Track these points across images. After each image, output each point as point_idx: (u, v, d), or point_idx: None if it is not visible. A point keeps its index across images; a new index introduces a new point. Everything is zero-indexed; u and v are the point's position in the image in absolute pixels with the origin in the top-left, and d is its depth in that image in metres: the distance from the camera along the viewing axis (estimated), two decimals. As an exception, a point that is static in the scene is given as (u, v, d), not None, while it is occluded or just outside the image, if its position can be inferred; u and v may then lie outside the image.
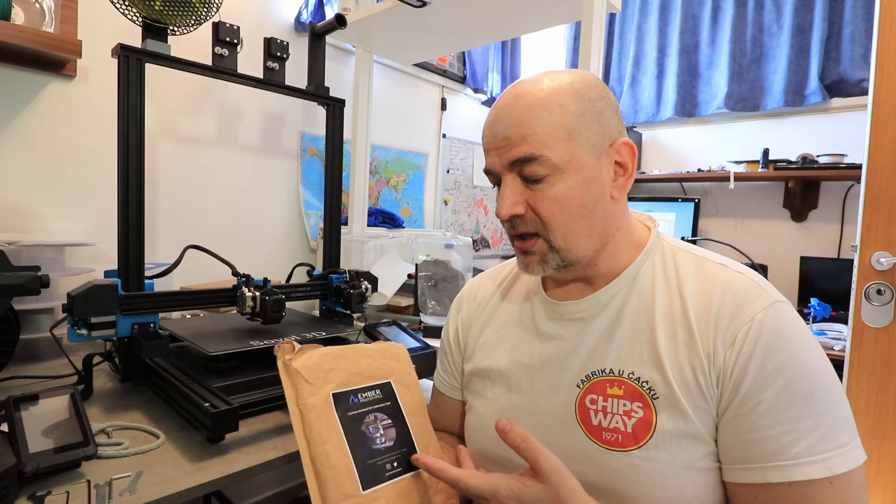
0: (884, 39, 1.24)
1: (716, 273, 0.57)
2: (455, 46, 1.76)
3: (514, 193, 0.58)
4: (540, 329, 0.65)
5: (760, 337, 0.51)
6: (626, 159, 0.59)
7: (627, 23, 2.79)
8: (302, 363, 0.56)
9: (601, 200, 0.58)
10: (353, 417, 0.56)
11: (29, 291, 0.80)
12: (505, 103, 0.58)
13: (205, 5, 0.94)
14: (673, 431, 0.52)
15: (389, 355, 0.66)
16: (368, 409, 0.58)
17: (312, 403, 0.54)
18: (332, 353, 0.59)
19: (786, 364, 0.49)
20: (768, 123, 2.41)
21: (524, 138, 0.55)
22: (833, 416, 0.49)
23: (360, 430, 0.56)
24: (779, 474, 0.48)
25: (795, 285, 2.22)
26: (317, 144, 1.78)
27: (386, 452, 0.56)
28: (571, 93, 0.56)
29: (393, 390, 0.62)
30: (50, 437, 0.61)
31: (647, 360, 0.55)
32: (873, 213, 1.26)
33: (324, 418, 0.54)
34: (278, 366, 0.56)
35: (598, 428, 0.56)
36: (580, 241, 0.58)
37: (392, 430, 0.58)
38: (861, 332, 1.29)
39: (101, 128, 1.28)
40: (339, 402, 0.56)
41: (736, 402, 0.51)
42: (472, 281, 0.80)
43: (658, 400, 0.53)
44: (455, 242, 1.90)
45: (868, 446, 1.29)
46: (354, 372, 0.60)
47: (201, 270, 1.38)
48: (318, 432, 0.53)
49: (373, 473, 0.54)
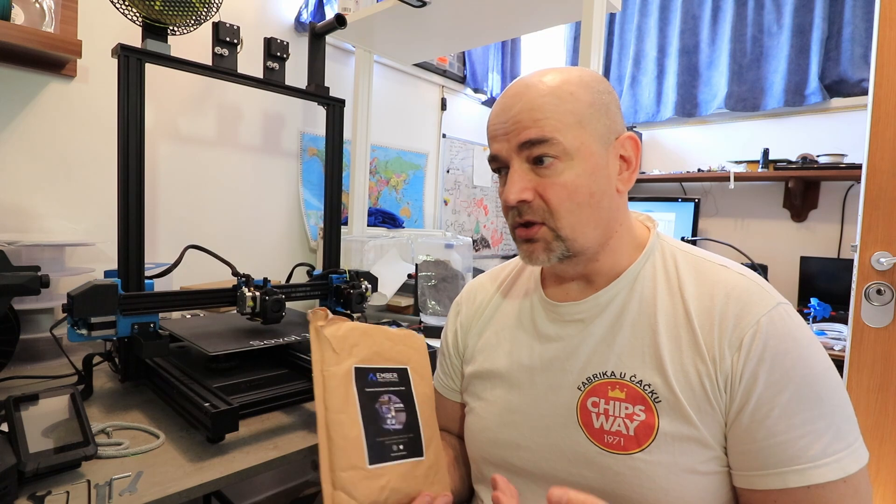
0: (884, 39, 1.24)
1: (717, 274, 0.57)
2: (455, 46, 1.76)
3: (523, 179, 0.57)
4: (540, 330, 0.65)
5: (768, 341, 0.50)
6: (631, 154, 0.59)
7: (627, 23, 2.79)
8: (332, 332, 0.58)
9: (608, 191, 0.58)
10: (369, 394, 0.58)
11: (29, 291, 0.80)
12: (515, 91, 0.58)
13: (205, 5, 0.94)
14: (675, 435, 0.52)
15: (410, 343, 0.68)
16: (384, 390, 0.60)
17: (335, 372, 0.57)
18: (359, 329, 0.61)
19: (795, 368, 0.49)
20: (768, 123, 2.41)
21: (536, 122, 0.55)
22: (841, 415, 0.50)
23: (374, 407, 0.58)
24: (798, 478, 0.48)
25: (795, 285, 2.22)
26: (317, 144, 1.78)
27: (394, 434, 0.58)
28: (581, 84, 0.57)
29: (409, 377, 0.64)
30: (50, 437, 0.61)
31: (649, 363, 0.55)
32: (873, 213, 1.26)
33: (343, 389, 0.56)
34: (310, 329, 0.59)
35: (600, 431, 0.55)
36: (586, 230, 0.57)
37: (403, 415, 0.60)
38: (861, 332, 1.29)
39: (101, 128, 1.28)
40: (360, 377, 0.58)
41: (749, 409, 0.50)
42: (471, 283, 0.80)
43: (660, 403, 0.53)
44: (455, 242, 1.90)
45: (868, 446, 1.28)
46: (377, 351, 0.62)
47: (201, 270, 1.38)
48: (337, 400, 0.55)
49: (380, 451, 0.56)
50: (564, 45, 3.00)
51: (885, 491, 1.27)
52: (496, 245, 2.66)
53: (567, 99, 0.56)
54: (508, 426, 0.63)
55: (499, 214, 2.67)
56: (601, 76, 0.61)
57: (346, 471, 0.52)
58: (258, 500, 1.66)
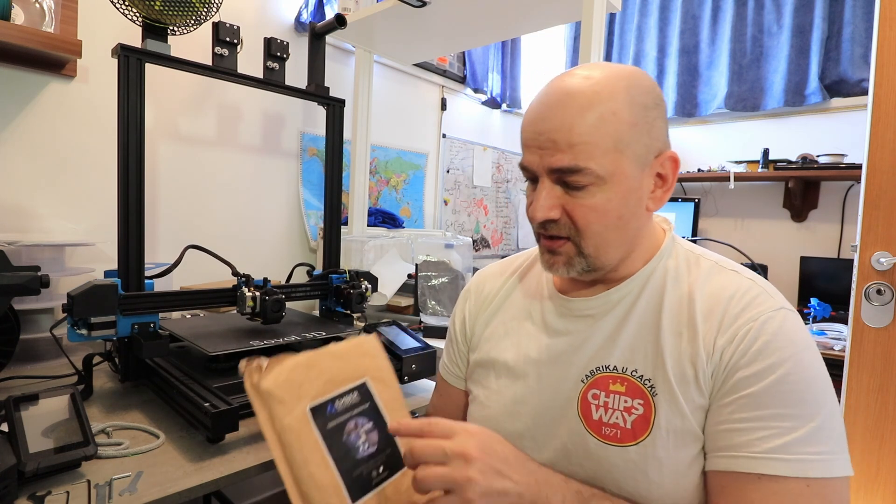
0: (884, 39, 1.24)
1: (727, 279, 0.57)
2: (455, 46, 1.76)
3: (551, 197, 0.56)
4: (548, 324, 0.65)
5: (760, 336, 0.51)
6: (668, 172, 0.58)
7: (627, 23, 2.79)
8: (272, 381, 0.51)
9: (637, 213, 0.57)
10: (333, 429, 0.53)
11: (29, 291, 0.80)
12: (555, 100, 0.55)
13: (205, 5, 0.94)
14: (670, 429, 0.53)
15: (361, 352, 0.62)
16: (348, 417, 0.55)
17: (290, 424, 0.50)
18: (302, 363, 0.55)
19: (779, 364, 0.50)
20: (768, 123, 2.41)
21: (571, 147, 0.53)
22: (820, 424, 0.48)
23: (342, 441, 0.53)
24: (745, 464, 0.48)
25: (795, 285, 2.22)
26: (317, 144, 1.78)
27: (370, 459, 0.54)
28: (627, 100, 0.54)
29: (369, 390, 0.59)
30: (50, 437, 0.61)
31: (650, 358, 0.56)
32: (873, 213, 1.26)
33: (303, 437, 0.51)
34: (246, 389, 0.51)
35: (599, 423, 0.56)
36: (609, 251, 0.57)
37: (374, 434, 0.56)
38: (861, 332, 1.29)
39: (101, 128, 1.28)
40: (318, 416, 0.53)
41: (723, 392, 0.51)
42: (482, 272, 0.80)
43: (657, 397, 0.54)
44: (455, 242, 1.90)
45: (868, 446, 1.29)
46: (328, 379, 0.56)
47: (201, 270, 1.38)
48: (300, 453, 0.50)
49: (360, 484, 0.52)
50: (564, 45, 3.00)
51: (885, 491, 1.27)
52: (496, 245, 2.66)
53: (609, 120, 0.53)
54: (512, 416, 0.63)
55: (499, 214, 2.67)
56: (652, 83, 0.57)
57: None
58: (258, 500, 1.66)
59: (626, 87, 0.54)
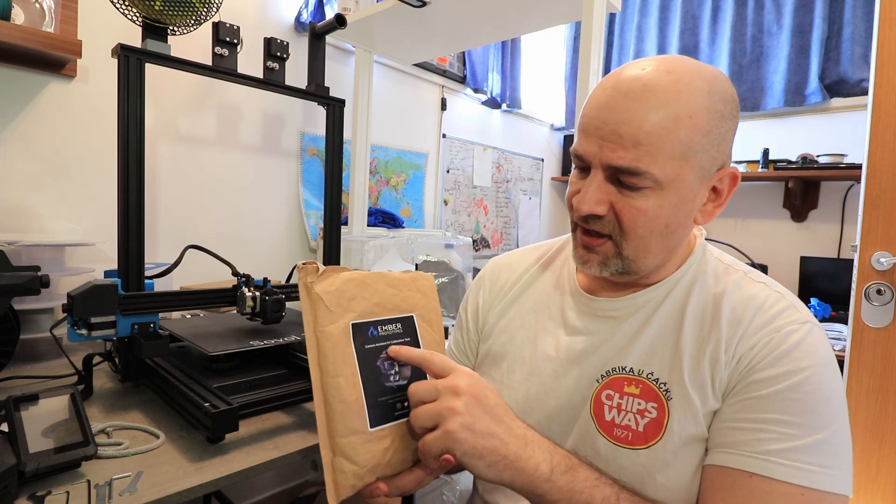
0: (884, 39, 1.24)
1: (756, 290, 0.56)
2: (455, 46, 1.76)
3: (601, 192, 0.53)
4: (568, 322, 0.64)
5: (781, 345, 0.50)
6: (725, 188, 0.56)
7: (627, 23, 2.79)
8: (324, 288, 0.52)
9: (685, 224, 0.55)
10: (369, 351, 0.53)
11: (29, 291, 0.80)
12: (629, 89, 0.50)
13: (205, 5, 0.94)
14: (683, 434, 0.52)
15: (416, 287, 0.61)
16: (386, 344, 0.55)
17: (330, 332, 0.51)
18: (356, 280, 0.55)
19: (795, 373, 0.49)
20: (768, 123, 2.41)
21: (636, 145, 0.49)
22: (825, 438, 0.47)
23: (374, 365, 0.53)
24: (739, 461, 0.48)
25: (795, 285, 2.22)
26: (317, 144, 1.78)
27: (398, 391, 0.54)
28: (707, 106, 0.50)
29: (415, 325, 0.59)
30: (50, 437, 0.61)
31: (668, 362, 0.55)
32: (873, 213, 1.26)
33: (339, 349, 0.51)
34: (299, 286, 0.53)
35: (611, 423, 0.56)
36: (649, 257, 0.56)
37: (407, 369, 0.55)
38: (861, 332, 1.29)
39: (101, 128, 1.28)
40: (358, 334, 0.53)
41: (734, 392, 0.51)
42: (497, 259, 0.78)
43: (672, 401, 0.53)
44: (455, 242, 1.90)
45: (868, 446, 1.29)
46: (377, 302, 0.56)
47: (201, 270, 1.38)
48: (333, 363, 0.51)
49: (382, 411, 0.52)
50: (564, 45, 3.00)
51: (885, 491, 1.27)
52: (496, 245, 2.66)
53: (684, 124, 0.49)
54: (525, 413, 0.62)
55: (499, 214, 2.67)
56: (732, 92, 0.53)
57: (345, 437, 0.49)
58: (258, 500, 1.66)
59: (709, 91, 0.50)
